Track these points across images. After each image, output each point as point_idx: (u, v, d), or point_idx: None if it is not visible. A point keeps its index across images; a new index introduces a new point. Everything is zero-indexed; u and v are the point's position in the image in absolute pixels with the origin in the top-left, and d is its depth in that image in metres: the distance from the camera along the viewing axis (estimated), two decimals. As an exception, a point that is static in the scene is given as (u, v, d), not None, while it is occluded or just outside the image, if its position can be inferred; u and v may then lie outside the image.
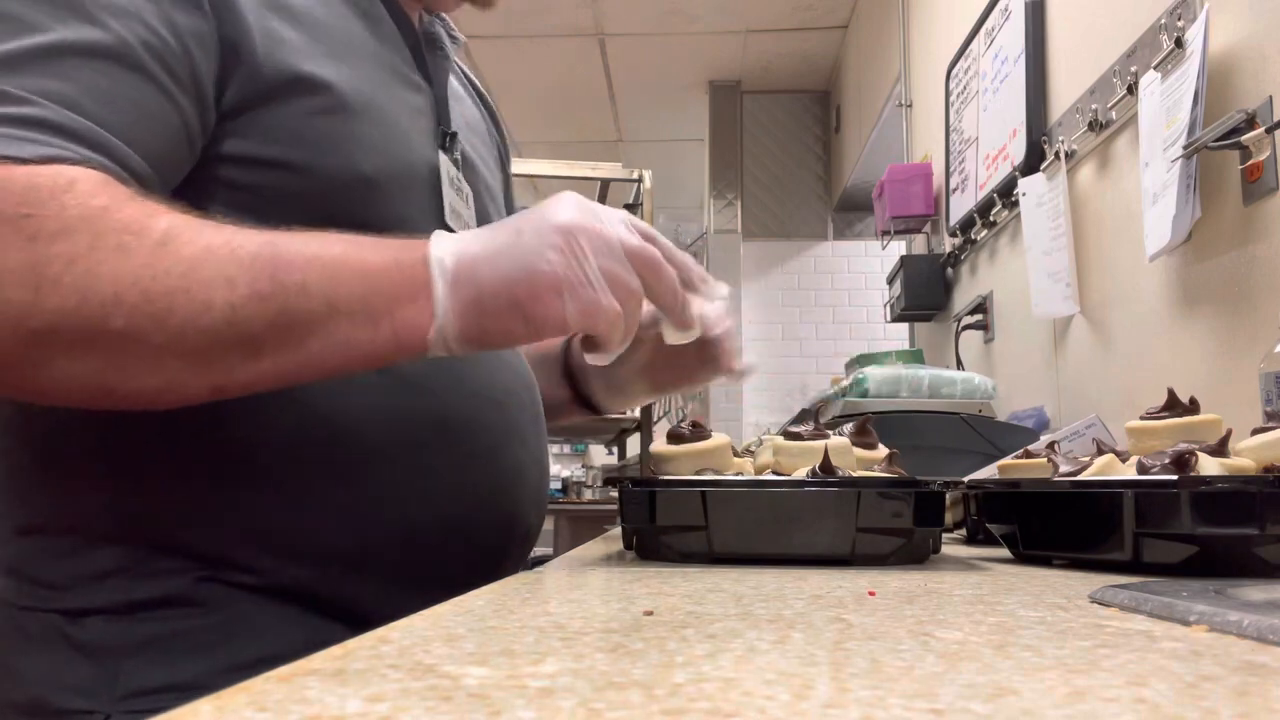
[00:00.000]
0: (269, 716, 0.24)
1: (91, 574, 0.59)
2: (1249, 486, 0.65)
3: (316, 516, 0.63)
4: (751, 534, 0.75)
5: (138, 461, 0.60)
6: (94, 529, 0.60)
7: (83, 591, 0.59)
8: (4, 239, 0.47)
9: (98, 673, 0.57)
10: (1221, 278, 1.29)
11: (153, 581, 0.59)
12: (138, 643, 0.58)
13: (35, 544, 0.60)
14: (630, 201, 2.95)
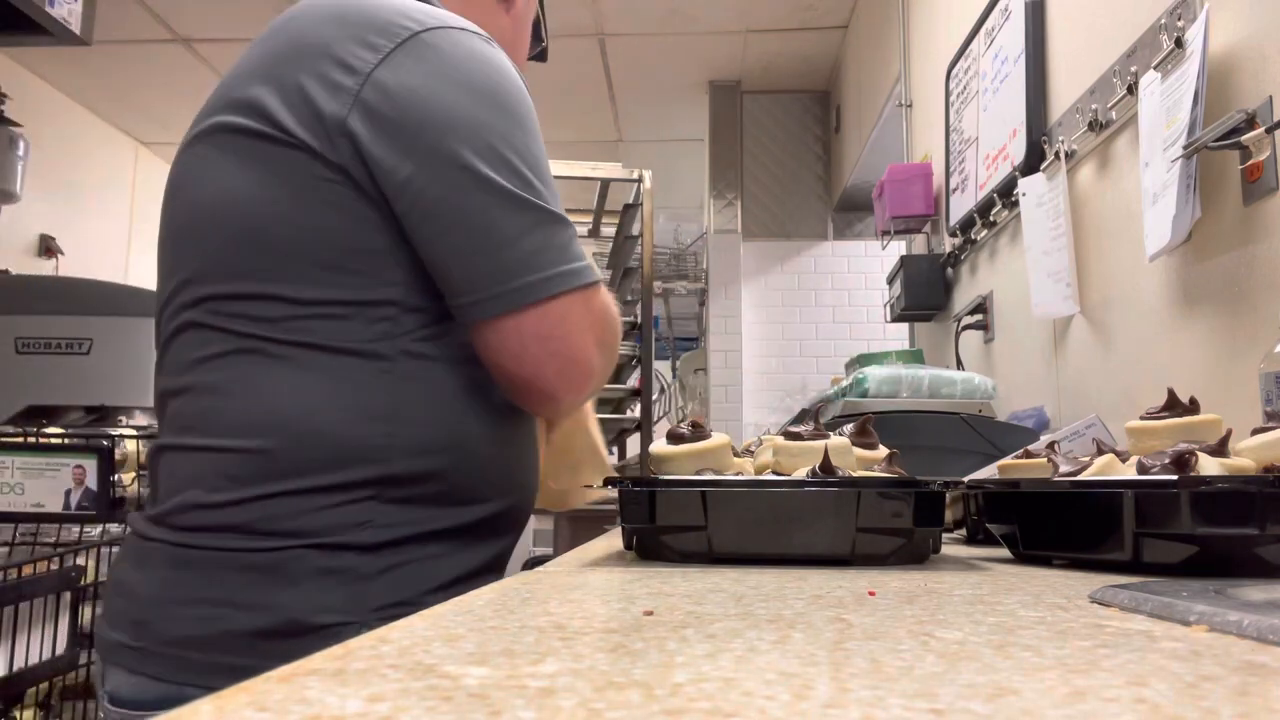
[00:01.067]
0: (269, 716, 0.24)
1: (347, 524, 0.75)
2: (1249, 486, 0.65)
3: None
4: (751, 534, 0.75)
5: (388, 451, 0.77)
6: (350, 494, 0.75)
7: (339, 534, 0.74)
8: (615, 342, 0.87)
9: (350, 593, 0.73)
10: (1221, 278, 1.29)
11: (389, 529, 0.76)
12: (379, 570, 0.75)
13: (290, 502, 0.73)
14: (630, 201, 2.95)
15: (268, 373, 0.75)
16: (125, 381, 2.00)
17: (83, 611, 1.57)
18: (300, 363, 0.75)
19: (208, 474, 0.74)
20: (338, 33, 0.76)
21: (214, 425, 0.75)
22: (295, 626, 0.72)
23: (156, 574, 0.74)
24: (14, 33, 1.83)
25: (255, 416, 0.74)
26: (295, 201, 0.74)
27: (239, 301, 0.75)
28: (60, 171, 4.80)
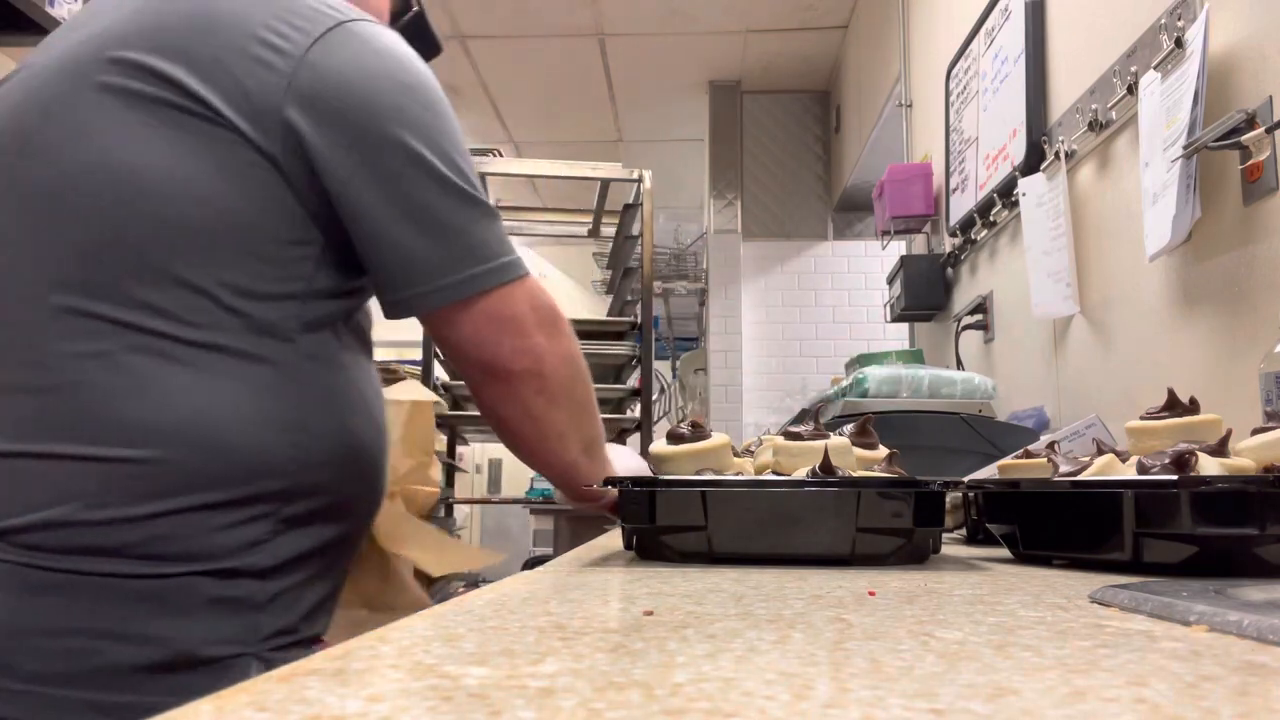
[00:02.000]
0: (269, 716, 0.24)
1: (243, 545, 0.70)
2: (1249, 486, 0.65)
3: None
4: (751, 534, 0.75)
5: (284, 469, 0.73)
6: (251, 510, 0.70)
7: (234, 558, 0.69)
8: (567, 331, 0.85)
9: (244, 622, 0.69)
10: (1221, 278, 1.29)
11: (282, 550, 0.72)
12: (270, 596, 0.71)
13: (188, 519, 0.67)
14: (630, 201, 2.95)
15: (168, 373, 0.67)
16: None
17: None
18: (205, 364, 0.69)
19: (87, 487, 0.65)
20: (256, 10, 0.72)
21: (97, 431, 0.65)
22: (184, 660, 0.66)
23: (6, 600, 0.64)
24: (14, 32, 1.83)
25: (150, 422, 0.66)
26: (217, 184, 0.68)
27: (139, 289, 0.67)
28: (60, 171, 4.80)
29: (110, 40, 0.71)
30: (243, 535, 0.69)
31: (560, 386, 0.83)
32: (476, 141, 5.43)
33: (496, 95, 4.91)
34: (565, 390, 0.84)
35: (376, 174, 0.73)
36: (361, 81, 0.73)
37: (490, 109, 5.05)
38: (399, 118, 0.74)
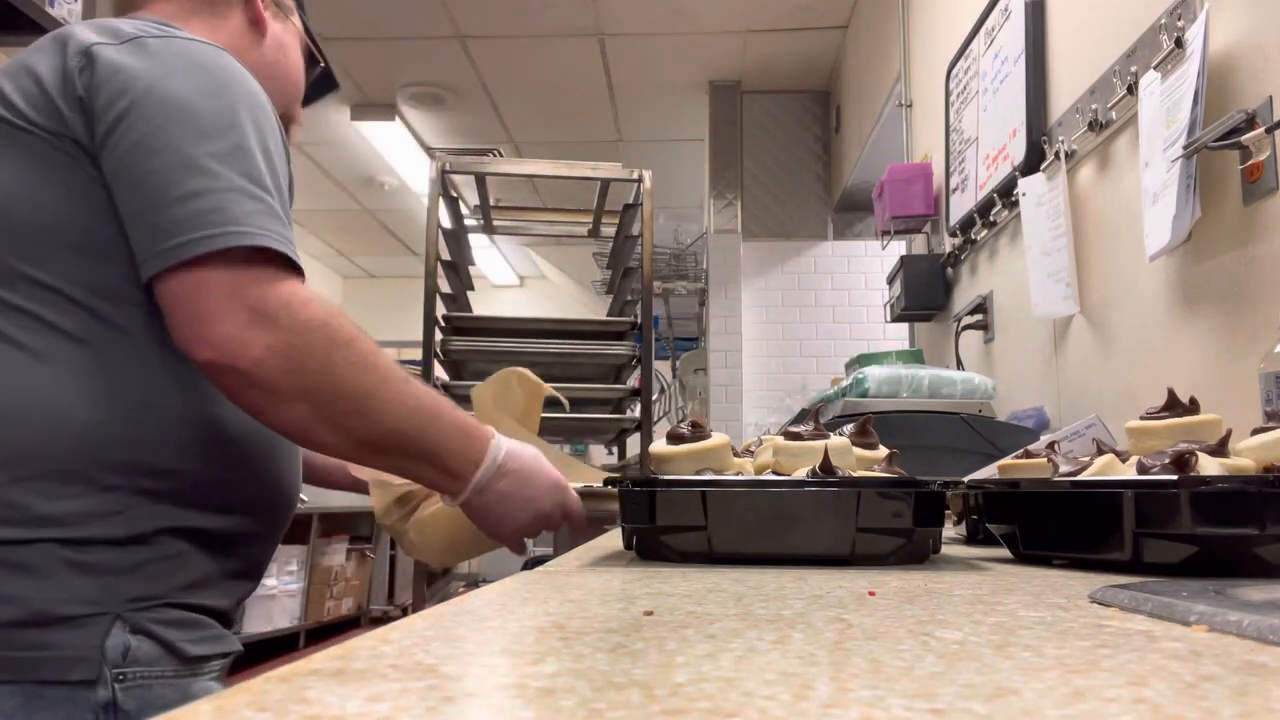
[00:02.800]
0: (269, 716, 0.24)
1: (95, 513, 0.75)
2: (1249, 486, 0.65)
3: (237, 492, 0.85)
4: (751, 534, 0.75)
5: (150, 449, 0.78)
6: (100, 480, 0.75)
7: (86, 526, 0.74)
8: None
9: (101, 584, 0.74)
10: (1221, 278, 1.29)
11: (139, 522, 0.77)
12: (130, 565, 0.76)
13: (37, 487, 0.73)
14: (630, 201, 2.95)
15: (8, 359, 0.74)
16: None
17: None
18: (45, 350, 0.75)
19: None
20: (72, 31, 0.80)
21: None
22: (42, 617, 0.72)
23: None
24: (14, 32, 1.83)
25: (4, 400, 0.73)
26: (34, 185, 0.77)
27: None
28: (60, 171, 4.80)
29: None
30: (90, 505, 0.75)
31: (279, 378, 0.76)
32: (476, 141, 5.43)
33: (496, 95, 4.91)
34: (293, 382, 0.76)
35: (124, 138, 0.78)
36: (136, 68, 0.81)
37: (490, 109, 5.05)
38: (163, 100, 0.80)
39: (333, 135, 5.34)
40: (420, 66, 4.61)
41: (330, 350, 0.78)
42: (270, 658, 4.63)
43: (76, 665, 0.73)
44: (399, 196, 6.29)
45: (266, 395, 0.76)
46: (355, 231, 7.28)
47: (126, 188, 0.76)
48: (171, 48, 0.80)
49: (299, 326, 0.76)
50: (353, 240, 7.56)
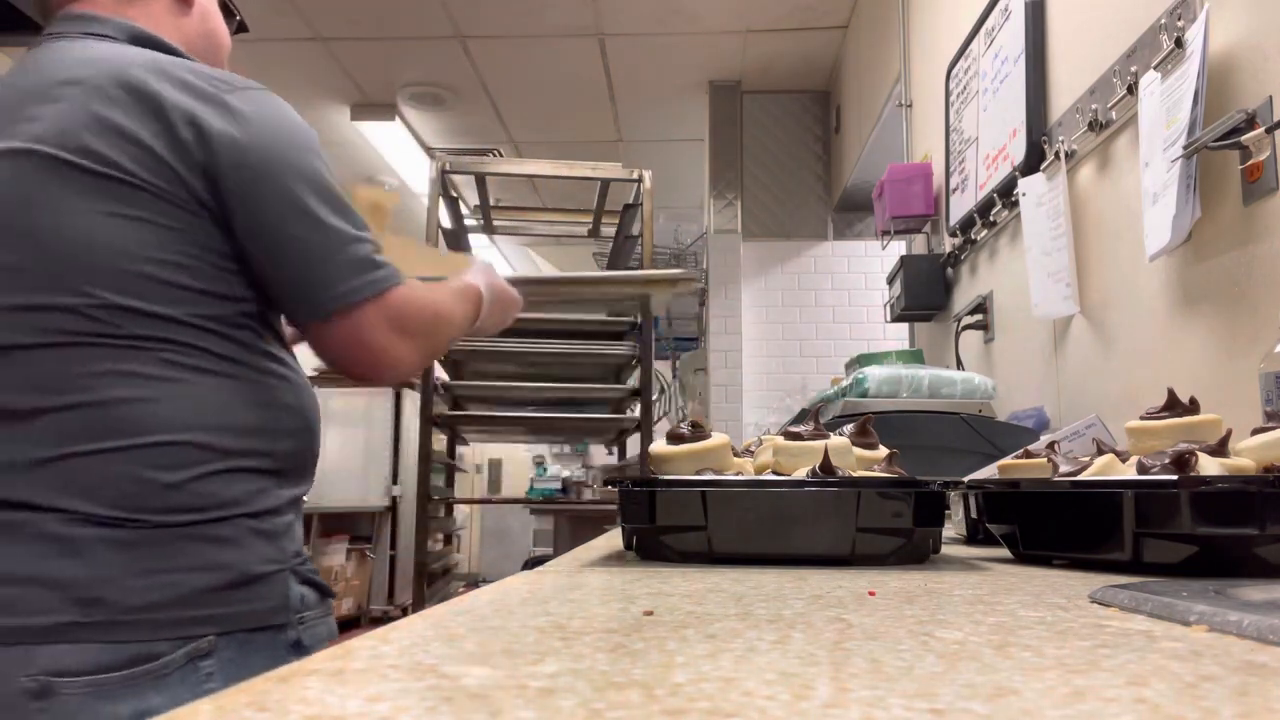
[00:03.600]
0: (269, 716, 0.24)
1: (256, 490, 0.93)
2: (1249, 486, 0.65)
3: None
4: (751, 534, 0.75)
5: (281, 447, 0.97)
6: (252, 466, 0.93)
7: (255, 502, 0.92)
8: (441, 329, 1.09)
9: (276, 546, 0.93)
10: (1221, 278, 1.29)
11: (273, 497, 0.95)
12: (284, 527, 0.95)
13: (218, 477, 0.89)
14: (630, 201, 2.95)
15: (179, 379, 0.88)
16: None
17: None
18: (203, 367, 0.90)
19: (137, 468, 0.84)
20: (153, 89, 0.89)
21: (115, 419, 0.85)
22: (246, 578, 0.89)
23: (96, 557, 0.82)
24: (14, 32, 1.83)
25: (178, 416, 0.87)
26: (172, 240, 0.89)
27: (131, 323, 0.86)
28: (60, 171, 4.80)
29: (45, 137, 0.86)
30: (251, 485, 0.92)
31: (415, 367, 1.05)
32: (476, 141, 5.44)
33: (496, 95, 4.91)
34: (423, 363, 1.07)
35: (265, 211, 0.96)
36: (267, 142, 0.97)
37: (490, 109, 5.05)
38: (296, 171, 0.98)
39: (333, 135, 5.34)
40: (420, 66, 4.61)
41: (437, 331, 1.07)
42: (270, 658, 4.62)
43: (274, 613, 0.91)
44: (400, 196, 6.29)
45: (401, 377, 1.03)
46: (355, 231, 7.28)
47: (270, 250, 0.93)
48: (261, 110, 0.94)
49: (424, 329, 1.03)
50: (353, 240, 7.56)
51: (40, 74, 0.91)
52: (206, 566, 0.86)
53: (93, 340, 0.85)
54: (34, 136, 0.86)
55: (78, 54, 0.92)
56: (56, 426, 0.83)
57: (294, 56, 4.43)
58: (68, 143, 0.86)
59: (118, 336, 0.86)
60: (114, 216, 0.86)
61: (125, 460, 0.84)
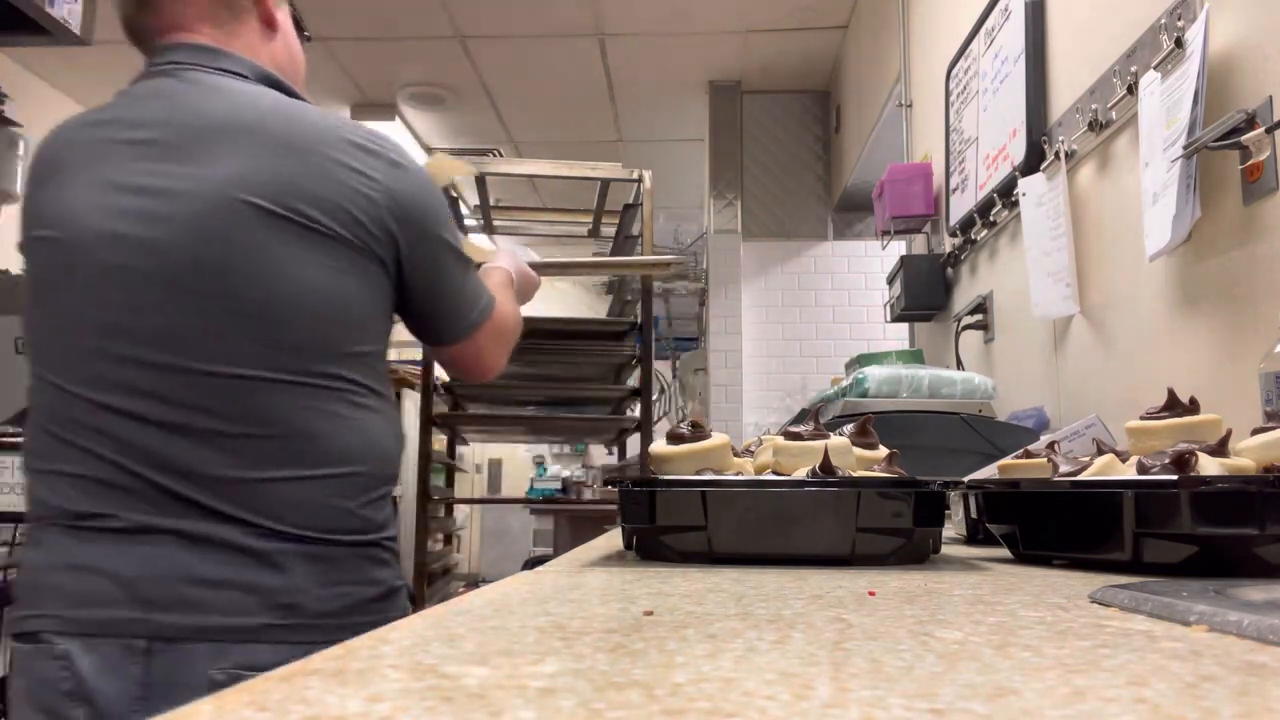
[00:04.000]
0: (269, 716, 0.24)
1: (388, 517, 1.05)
2: (1249, 486, 0.65)
3: None
4: (751, 534, 0.75)
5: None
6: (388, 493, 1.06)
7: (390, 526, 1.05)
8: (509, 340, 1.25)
9: (395, 567, 1.05)
10: (1221, 278, 1.29)
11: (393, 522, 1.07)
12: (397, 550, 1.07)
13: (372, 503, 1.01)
14: (630, 202, 2.95)
15: (357, 416, 0.99)
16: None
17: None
18: (371, 406, 1.02)
19: (324, 490, 0.95)
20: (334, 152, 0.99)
21: (321, 452, 0.96)
22: (390, 591, 1.02)
23: (293, 569, 0.93)
24: (14, 33, 1.83)
25: (355, 449, 0.98)
26: (360, 287, 1.00)
27: (325, 364, 0.97)
28: (60, 171, 4.80)
29: (247, 190, 0.93)
30: (389, 510, 1.05)
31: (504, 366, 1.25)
32: (476, 141, 5.43)
33: (496, 95, 4.91)
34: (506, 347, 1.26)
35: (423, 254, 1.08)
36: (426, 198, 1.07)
37: (490, 109, 5.05)
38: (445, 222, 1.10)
39: (333, 135, 5.34)
40: (420, 66, 4.61)
41: (515, 330, 1.26)
42: (270, 658, 4.62)
43: None
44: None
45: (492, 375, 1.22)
46: (355, 231, 7.28)
47: (427, 289, 1.08)
48: (411, 164, 1.06)
49: (511, 334, 1.24)
50: (353, 240, 7.56)
51: (202, 111, 0.97)
52: (369, 581, 0.99)
53: (292, 379, 0.95)
54: (230, 182, 0.93)
55: (239, 98, 0.99)
56: (255, 451, 0.92)
57: (294, 56, 4.43)
58: (268, 194, 0.93)
59: (311, 375, 0.96)
60: (315, 267, 0.95)
61: (315, 486, 0.95)
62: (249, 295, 0.93)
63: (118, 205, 0.94)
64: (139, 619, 0.87)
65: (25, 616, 0.90)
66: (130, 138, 0.96)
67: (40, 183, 0.99)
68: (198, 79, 1.00)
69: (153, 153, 0.95)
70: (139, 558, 0.88)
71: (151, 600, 0.87)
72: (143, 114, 0.97)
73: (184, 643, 0.87)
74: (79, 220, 0.94)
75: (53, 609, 0.89)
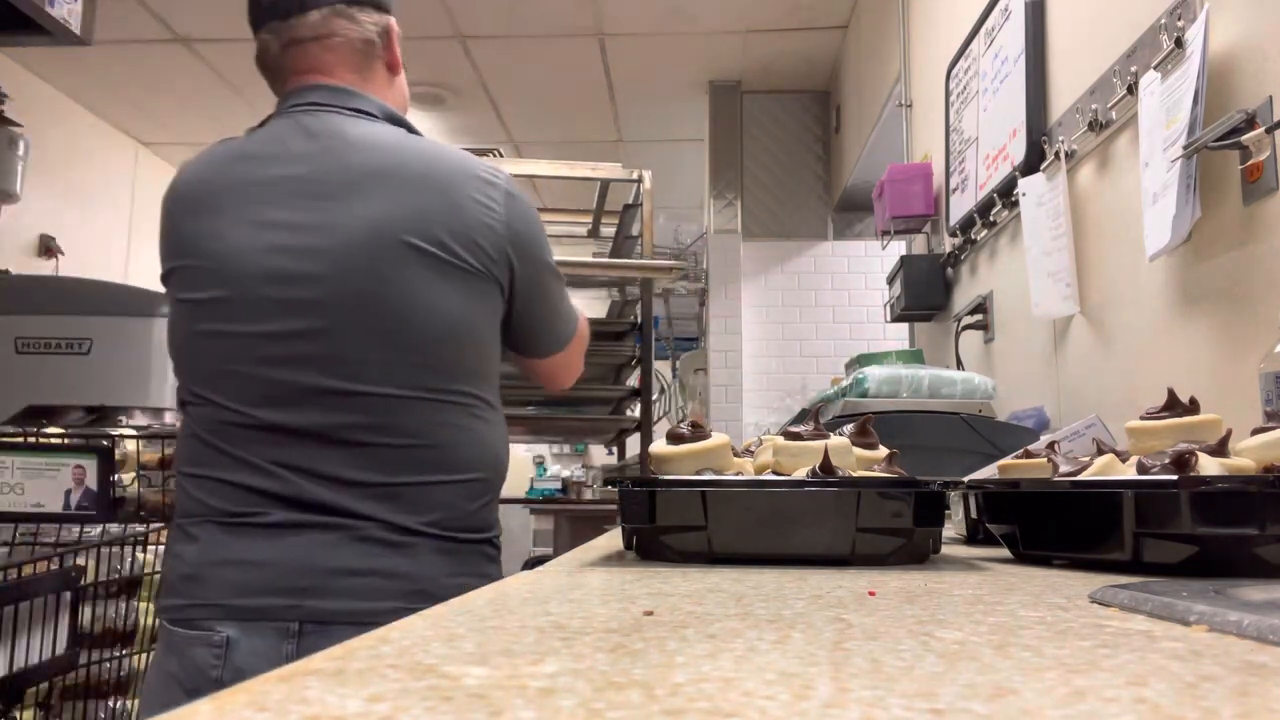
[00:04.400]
0: (269, 716, 0.24)
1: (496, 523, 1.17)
2: (1249, 486, 0.65)
3: None
4: (751, 534, 0.75)
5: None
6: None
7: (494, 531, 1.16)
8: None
9: (499, 563, 1.15)
10: (1221, 278, 1.29)
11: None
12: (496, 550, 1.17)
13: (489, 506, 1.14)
14: (630, 202, 2.95)
15: (478, 428, 1.12)
16: (125, 382, 2.00)
17: (82, 611, 1.57)
18: (488, 419, 1.14)
19: (455, 494, 1.08)
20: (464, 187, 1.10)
21: (452, 460, 1.08)
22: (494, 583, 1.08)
23: (425, 560, 1.04)
24: (14, 33, 1.83)
25: (477, 457, 1.11)
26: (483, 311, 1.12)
27: (454, 379, 1.09)
28: (60, 171, 4.80)
29: (395, 229, 1.04)
30: (496, 513, 1.17)
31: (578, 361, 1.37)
32: (476, 141, 5.43)
33: (496, 95, 4.91)
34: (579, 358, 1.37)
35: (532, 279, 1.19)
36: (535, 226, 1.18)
37: (490, 109, 5.05)
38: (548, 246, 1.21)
39: (333, 135, 5.34)
40: (420, 66, 4.61)
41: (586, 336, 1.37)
42: (270, 658, 4.62)
43: None
44: None
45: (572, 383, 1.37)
46: (355, 231, 7.28)
47: (534, 309, 1.19)
48: (519, 194, 1.16)
49: (585, 344, 1.36)
50: (353, 240, 7.56)
51: (348, 151, 1.07)
52: (481, 574, 1.10)
53: (430, 396, 1.06)
54: (379, 219, 1.04)
55: (378, 138, 1.09)
56: (396, 459, 1.04)
57: (294, 56, 4.43)
58: (412, 230, 1.04)
59: (446, 392, 1.08)
60: (450, 295, 1.06)
61: (445, 490, 1.07)
62: (398, 324, 1.04)
63: (276, 242, 1.04)
64: (292, 605, 0.98)
65: (184, 605, 1.00)
66: (282, 175, 1.05)
67: (190, 214, 1.08)
68: (339, 120, 1.09)
69: (306, 190, 1.04)
70: (291, 551, 1.00)
71: (303, 589, 0.99)
72: (291, 152, 1.06)
73: (331, 625, 0.99)
74: (240, 255, 1.04)
75: (215, 598, 0.99)
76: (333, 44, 1.12)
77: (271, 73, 1.15)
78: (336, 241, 1.03)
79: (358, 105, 1.11)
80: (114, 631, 1.63)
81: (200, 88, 4.74)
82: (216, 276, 1.04)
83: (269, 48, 1.13)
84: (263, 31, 1.13)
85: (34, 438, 1.68)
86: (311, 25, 1.11)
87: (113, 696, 1.62)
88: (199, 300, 1.05)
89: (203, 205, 1.07)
